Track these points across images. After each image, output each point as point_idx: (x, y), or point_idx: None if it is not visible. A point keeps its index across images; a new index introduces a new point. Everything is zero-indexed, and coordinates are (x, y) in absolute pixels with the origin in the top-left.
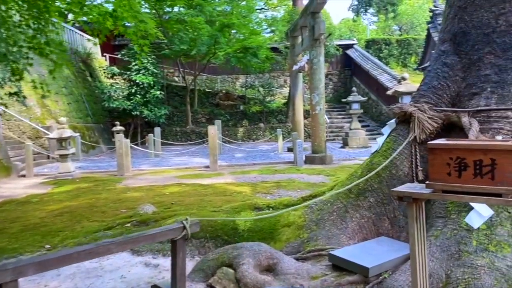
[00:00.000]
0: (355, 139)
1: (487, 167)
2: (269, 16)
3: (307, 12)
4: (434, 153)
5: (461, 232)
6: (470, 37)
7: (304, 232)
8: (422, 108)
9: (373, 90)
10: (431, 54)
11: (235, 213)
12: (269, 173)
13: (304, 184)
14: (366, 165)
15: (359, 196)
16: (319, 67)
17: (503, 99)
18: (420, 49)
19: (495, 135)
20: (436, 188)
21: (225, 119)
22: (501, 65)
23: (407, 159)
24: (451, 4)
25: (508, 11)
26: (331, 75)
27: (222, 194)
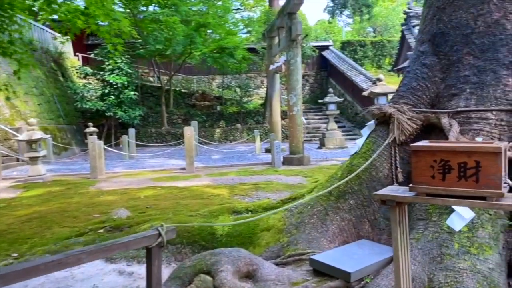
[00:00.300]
0: (332, 139)
1: (471, 169)
2: (245, 17)
3: (284, 13)
4: (417, 155)
5: (442, 234)
6: (449, 38)
7: (284, 236)
8: (401, 109)
9: (348, 91)
10: (406, 56)
11: (212, 218)
12: (247, 174)
13: (282, 186)
14: (346, 167)
15: (339, 198)
16: (296, 67)
17: (483, 100)
18: (394, 51)
19: (475, 136)
20: (419, 191)
21: (202, 120)
22: (480, 66)
23: (387, 160)
24: (429, 5)
25: (487, 12)
26: (308, 76)
27: (199, 197)
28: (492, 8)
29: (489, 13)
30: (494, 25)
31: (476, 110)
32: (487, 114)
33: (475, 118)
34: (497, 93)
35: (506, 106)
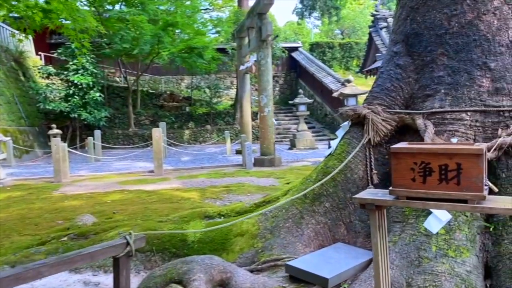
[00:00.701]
0: (303, 140)
1: (452, 172)
2: (214, 17)
3: (254, 13)
4: (397, 157)
5: (420, 237)
6: (423, 38)
7: (259, 241)
8: (375, 110)
9: (318, 92)
10: (374, 57)
11: (183, 223)
12: (218, 176)
13: (254, 188)
14: (320, 169)
15: (315, 201)
16: (267, 68)
17: (457, 101)
18: (361, 53)
19: (450, 137)
20: (400, 195)
21: (170, 121)
22: (454, 66)
23: (362, 162)
24: (402, 5)
25: (460, 12)
26: (277, 77)
27: (168, 201)
28: (465, 8)
29: (463, 14)
30: (468, 25)
31: (451, 111)
32: (462, 115)
33: (450, 119)
34: (472, 94)
35: (481, 107)
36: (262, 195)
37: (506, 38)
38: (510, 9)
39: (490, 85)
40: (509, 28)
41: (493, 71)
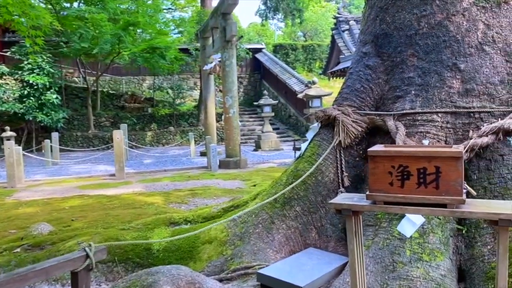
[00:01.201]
0: (268, 142)
1: (431, 175)
2: (177, 17)
3: (218, 13)
4: (375, 161)
5: (393, 241)
6: (392, 39)
7: (228, 249)
8: (346, 112)
9: (282, 93)
10: (338, 59)
11: (147, 231)
12: (182, 179)
13: (220, 191)
14: (291, 172)
15: (285, 205)
16: (232, 69)
17: (428, 102)
18: (324, 55)
19: (421, 138)
20: (377, 200)
21: (132, 123)
22: (424, 67)
23: (333, 164)
24: (371, 5)
25: (430, 13)
26: (241, 78)
27: (130, 207)
28: (435, 9)
29: (432, 15)
30: (437, 26)
31: (422, 113)
32: (433, 116)
33: (421, 120)
34: (442, 95)
35: (451, 108)
36: (228, 198)
37: (475, 39)
38: (479, 10)
39: (460, 86)
40: (478, 29)
41: (463, 72)
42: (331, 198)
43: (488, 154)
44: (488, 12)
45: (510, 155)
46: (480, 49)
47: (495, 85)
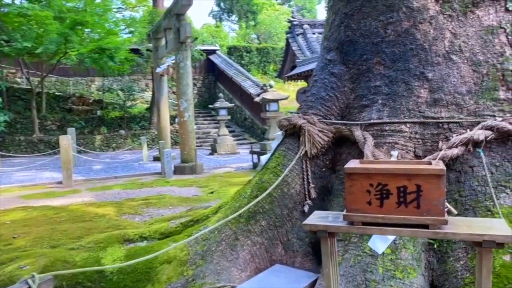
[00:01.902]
0: (224, 145)
1: (411, 194)
2: (127, 16)
3: (171, 14)
4: (351, 178)
5: (365, 258)
6: (358, 46)
7: (189, 269)
8: (311, 121)
9: (237, 96)
10: (293, 63)
11: (99, 250)
12: (135, 187)
13: (176, 200)
14: (255, 184)
15: (250, 220)
16: (186, 71)
17: (395, 112)
18: (278, 58)
19: (390, 149)
20: (355, 220)
21: (80, 126)
22: (391, 76)
23: (299, 175)
24: (335, 11)
25: (396, 20)
26: (195, 80)
27: (80, 220)
28: (401, 16)
29: (399, 22)
30: (404, 34)
31: (390, 123)
32: (401, 127)
33: (389, 130)
34: (410, 105)
35: (419, 118)
36: (185, 208)
37: (443, 48)
38: (446, 18)
39: (428, 96)
40: (445, 38)
41: (430, 82)
42: (298, 211)
43: (458, 166)
44: (455, 21)
45: (480, 167)
46: (447, 58)
47: (463, 95)
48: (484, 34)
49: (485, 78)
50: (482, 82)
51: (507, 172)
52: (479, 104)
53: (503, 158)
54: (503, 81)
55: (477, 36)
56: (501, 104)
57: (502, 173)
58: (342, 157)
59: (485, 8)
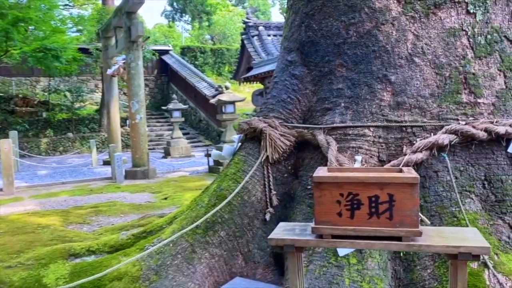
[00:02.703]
0: (178, 148)
1: (384, 204)
2: (75, 14)
3: (122, 12)
4: (320, 188)
5: (331, 269)
6: (320, 47)
7: (142, 285)
8: (273, 124)
9: (191, 97)
10: (248, 64)
11: (40, 268)
12: (84, 193)
13: (128, 207)
14: (213, 191)
15: (208, 230)
16: (138, 72)
17: (359, 116)
18: (233, 59)
19: (354, 154)
20: (324, 233)
21: (24, 129)
22: (353, 79)
23: (260, 182)
24: (296, 11)
25: (358, 21)
26: (147, 81)
27: (21, 231)
28: (363, 17)
29: (361, 23)
30: (367, 35)
31: (353, 126)
32: (365, 131)
33: (352, 134)
34: (373, 108)
35: (383, 122)
36: (137, 216)
37: (405, 50)
38: (408, 20)
39: (391, 99)
40: (408, 39)
41: (393, 84)
42: (259, 219)
43: (423, 171)
44: (417, 23)
45: (444, 172)
46: (410, 61)
47: (426, 98)
48: (446, 36)
49: (448, 81)
50: (445, 85)
51: (471, 177)
52: (442, 107)
53: (467, 163)
54: (465, 84)
55: (440, 38)
56: (464, 108)
57: (467, 178)
58: (304, 162)
59: (447, 10)
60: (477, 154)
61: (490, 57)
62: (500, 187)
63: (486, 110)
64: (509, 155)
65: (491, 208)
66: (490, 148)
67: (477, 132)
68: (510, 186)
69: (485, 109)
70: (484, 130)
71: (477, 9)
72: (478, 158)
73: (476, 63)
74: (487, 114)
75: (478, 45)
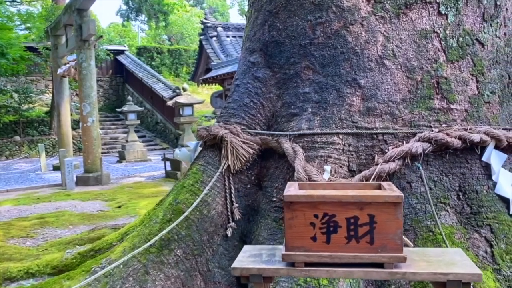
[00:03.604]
0: (133, 152)
1: (364, 226)
2: (23, 11)
3: (73, 9)
4: (292, 209)
5: None
6: (285, 48)
7: None
8: (234, 131)
9: (147, 98)
10: (207, 65)
11: None
12: (30, 202)
13: (78, 217)
14: (169, 205)
15: (163, 249)
16: (90, 72)
17: (327, 122)
18: (191, 60)
19: (322, 164)
20: (297, 260)
21: None
22: (321, 82)
23: (220, 194)
24: (258, 8)
25: (326, 21)
26: (102, 82)
27: None
28: (331, 16)
29: (329, 23)
30: (335, 36)
31: (321, 134)
32: (334, 138)
33: (320, 142)
34: (342, 114)
35: (353, 129)
36: (88, 227)
37: (375, 52)
38: (378, 20)
39: (361, 105)
40: (378, 41)
41: (363, 89)
42: (220, 235)
43: (395, 182)
44: (387, 23)
45: (418, 183)
46: (380, 64)
47: (397, 103)
48: (418, 38)
49: (420, 86)
50: (416, 90)
51: (446, 187)
52: (414, 113)
53: (441, 172)
54: (437, 89)
55: (411, 40)
56: (437, 114)
57: (441, 189)
58: (269, 172)
59: (418, 10)
60: (451, 163)
61: (462, 61)
62: (475, 198)
63: (459, 117)
64: (483, 164)
65: (466, 220)
66: (464, 156)
67: (452, 140)
68: (485, 197)
69: (458, 115)
70: (458, 138)
71: (449, 10)
72: (452, 167)
73: (448, 67)
74: (460, 121)
75: (450, 48)
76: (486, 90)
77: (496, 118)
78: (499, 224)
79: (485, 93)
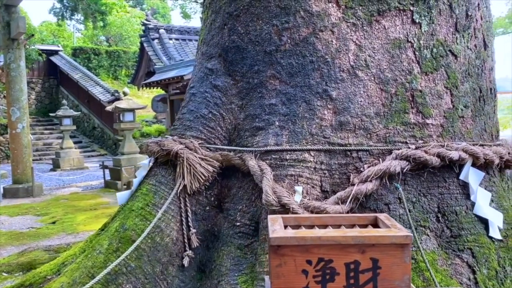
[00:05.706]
0: (69, 160)
1: (366, 273)
2: None
3: (0, 4)
4: (280, 254)
5: None
6: (247, 54)
7: None
8: (191, 146)
9: (84, 102)
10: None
11: None
12: None
13: (4, 236)
14: (115, 232)
15: (109, 284)
16: (20, 74)
17: (297, 137)
18: (130, 62)
19: (293, 184)
20: None
21: None
22: (289, 93)
23: (175, 218)
24: (216, 10)
25: (293, 26)
26: (33, 84)
27: None
28: (299, 22)
29: (296, 28)
30: (303, 43)
31: (291, 150)
32: (304, 155)
33: (290, 160)
34: (313, 129)
35: (325, 145)
36: (17, 248)
37: (347, 62)
38: (349, 27)
39: (333, 118)
40: (350, 50)
41: (335, 101)
42: (175, 266)
43: (372, 203)
44: (359, 31)
45: (396, 204)
46: (352, 74)
47: (371, 117)
48: (391, 48)
49: (394, 99)
50: (391, 103)
51: (425, 209)
52: (389, 128)
53: (419, 193)
54: (412, 103)
55: (384, 50)
56: (412, 129)
57: (420, 211)
58: (231, 192)
59: (392, 18)
60: (429, 183)
61: (437, 73)
62: (455, 220)
63: (435, 132)
64: (461, 183)
65: (447, 244)
66: (442, 175)
67: (430, 158)
68: (465, 219)
69: (433, 130)
70: (436, 155)
71: (423, 19)
72: (430, 187)
73: (422, 79)
74: (436, 136)
75: (424, 59)
76: (460, 104)
77: (470, 134)
78: (480, 247)
79: (459, 107)
